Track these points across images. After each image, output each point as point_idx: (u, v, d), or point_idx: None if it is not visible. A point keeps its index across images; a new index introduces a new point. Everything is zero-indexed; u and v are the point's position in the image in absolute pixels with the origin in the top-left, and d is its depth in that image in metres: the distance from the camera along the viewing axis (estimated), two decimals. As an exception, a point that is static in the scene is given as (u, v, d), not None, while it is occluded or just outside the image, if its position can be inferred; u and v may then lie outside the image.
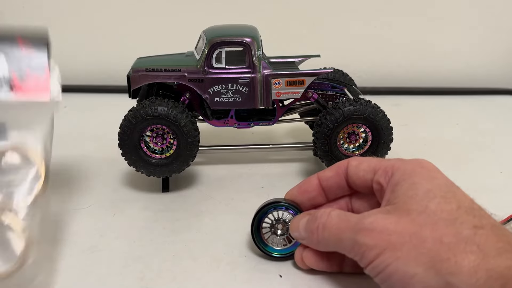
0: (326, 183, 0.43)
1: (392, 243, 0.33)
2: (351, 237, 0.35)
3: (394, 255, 0.33)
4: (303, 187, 0.44)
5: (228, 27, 0.58)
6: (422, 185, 0.35)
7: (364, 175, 0.40)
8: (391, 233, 0.33)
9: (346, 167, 0.42)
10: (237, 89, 0.55)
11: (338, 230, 0.37)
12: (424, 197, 0.34)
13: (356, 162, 0.41)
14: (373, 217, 0.35)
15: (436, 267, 0.31)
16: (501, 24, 0.94)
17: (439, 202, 0.34)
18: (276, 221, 0.44)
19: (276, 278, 0.42)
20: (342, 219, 0.37)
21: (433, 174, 0.37)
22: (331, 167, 0.43)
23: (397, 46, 0.95)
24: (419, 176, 0.36)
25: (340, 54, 0.90)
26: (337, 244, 0.37)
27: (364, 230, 0.34)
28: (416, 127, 0.77)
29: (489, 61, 0.97)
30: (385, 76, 0.96)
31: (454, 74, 0.96)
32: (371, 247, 0.34)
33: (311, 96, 0.58)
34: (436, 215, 0.33)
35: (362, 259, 0.35)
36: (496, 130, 0.76)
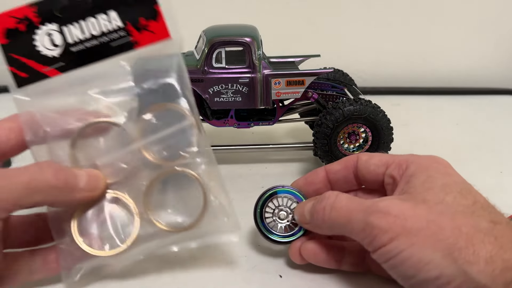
0: (334, 176, 0.43)
1: (407, 228, 0.32)
2: (362, 218, 0.34)
3: (409, 240, 0.32)
4: (309, 178, 0.44)
5: (228, 27, 0.58)
6: (439, 179, 0.35)
7: (375, 169, 0.40)
8: (407, 218, 0.32)
9: (356, 161, 0.42)
10: (237, 89, 0.55)
11: (348, 211, 0.36)
12: (441, 191, 0.34)
13: (366, 157, 0.41)
14: (388, 201, 0.34)
15: (453, 255, 0.31)
16: (501, 24, 0.94)
17: (456, 196, 0.34)
18: (279, 207, 0.44)
19: (276, 278, 0.41)
20: (352, 201, 0.37)
21: (448, 171, 0.37)
22: (340, 161, 0.43)
23: (397, 46, 0.95)
24: (435, 171, 0.36)
25: (341, 54, 0.90)
26: (345, 225, 0.36)
27: (378, 212, 0.33)
28: (416, 127, 0.77)
29: (489, 61, 0.97)
30: (385, 76, 0.96)
31: (454, 74, 0.96)
32: (385, 230, 0.32)
33: (311, 96, 0.58)
34: (453, 207, 0.33)
35: (373, 242, 0.33)
36: (496, 130, 0.76)
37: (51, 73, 0.39)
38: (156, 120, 0.39)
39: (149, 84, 0.39)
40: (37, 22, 0.38)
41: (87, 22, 0.38)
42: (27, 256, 0.38)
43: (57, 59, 0.39)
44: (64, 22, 0.38)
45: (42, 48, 0.38)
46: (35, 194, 0.33)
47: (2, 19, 0.38)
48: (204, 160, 0.39)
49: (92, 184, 0.37)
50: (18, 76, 0.38)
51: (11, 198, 0.32)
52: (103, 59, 0.39)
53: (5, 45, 0.38)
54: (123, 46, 0.39)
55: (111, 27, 0.39)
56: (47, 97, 0.38)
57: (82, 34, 0.38)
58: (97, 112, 0.38)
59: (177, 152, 0.39)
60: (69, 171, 0.36)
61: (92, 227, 0.38)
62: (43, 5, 0.38)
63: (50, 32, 0.38)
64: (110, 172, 0.38)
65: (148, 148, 0.39)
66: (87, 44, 0.39)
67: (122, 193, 0.39)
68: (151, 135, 0.38)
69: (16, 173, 0.33)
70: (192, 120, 0.39)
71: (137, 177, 0.39)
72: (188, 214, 0.39)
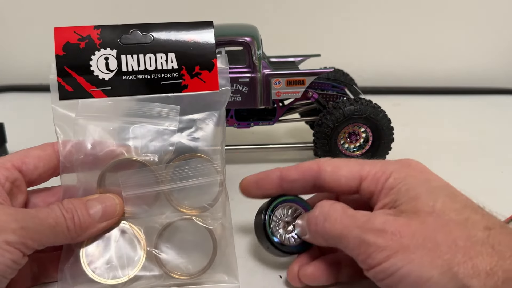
0: (289, 185, 0.40)
1: (404, 246, 0.31)
2: (357, 235, 0.33)
3: (407, 257, 0.31)
4: (260, 182, 0.42)
5: (228, 26, 0.58)
6: (421, 187, 0.34)
7: (347, 183, 0.38)
8: (404, 236, 0.32)
9: (318, 172, 0.39)
10: (237, 88, 0.55)
11: (342, 224, 0.35)
12: (429, 197, 0.33)
13: (331, 168, 0.39)
14: (383, 217, 0.34)
15: (452, 270, 0.30)
16: (502, 24, 0.94)
17: (445, 201, 0.33)
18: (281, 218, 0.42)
19: (276, 279, 0.41)
20: (347, 214, 0.35)
21: (427, 176, 0.36)
22: (296, 168, 0.40)
23: (397, 46, 0.95)
24: (415, 180, 0.35)
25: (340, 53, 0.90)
26: (340, 239, 0.35)
27: (374, 230, 0.33)
28: (416, 127, 0.77)
29: (489, 61, 0.97)
30: (385, 75, 0.96)
31: (455, 74, 0.96)
32: (381, 248, 0.32)
33: (311, 96, 0.57)
34: (446, 215, 0.32)
35: (368, 259, 0.33)
36: (496, 130, 0.76)
37: (97, 94, 0.40)
38: (186, 169, 0.40)
39: (190, 132, 0.41)
40: (98, 44, 0.40)
41: (146, 56, 0.40)
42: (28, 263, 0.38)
43: (106, 82, 0.40)
44: (124, 51, 0.40)
45: (96, 69, 0.40)
46: (58, 237, 0.35)
47: (66, 33, 0.39)
48: (221, 217, 0.41)
49: (108, 213, 0.38)
50: (63, 89, 0.40)
51: (38, 238, 0.34)
52: (150, 93, 0.41)
53: (60, 56, 0.39)
54: (173, 86, 0.41)
55: (166, 67, 0.40)
56: (90, 117, 0.40)
57: (137, 66, 0.40)
58: (130, 149, 0.39)
59: (198, 203, 0.41)
60: (83, 210, 0.36)
61: (98, 252, 0.39)
62: (108, 30, 0.40)
63: (107, 56, 0.40)
64: (130, 206, 0.39)
65: (172, 194, 0.40)
66: (139, 76, 0.40)
67: (137, 228, 0.39)
68: (178, 182, 0.40)
69: (44, 215, 0.34)
70: (220, 178, 0.40)
71: (156, 217, 0.40)
72: (193, 263, 0.40)
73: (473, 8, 0.93)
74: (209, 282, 0.40)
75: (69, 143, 0.39)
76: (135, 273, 0.39)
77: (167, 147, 0.40)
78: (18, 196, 0.37)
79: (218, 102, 0.42)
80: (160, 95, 0.41)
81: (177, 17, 0.93)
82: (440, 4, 0.92)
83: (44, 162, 0.38)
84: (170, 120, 0.40)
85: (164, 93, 0.41)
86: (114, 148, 0.39)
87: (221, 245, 0.40)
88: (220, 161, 0.41)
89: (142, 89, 0.40)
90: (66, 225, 0.35)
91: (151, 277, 0.39)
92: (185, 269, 0.40)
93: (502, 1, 0.92)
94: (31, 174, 0.38)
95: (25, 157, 0.38)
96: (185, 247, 0.40)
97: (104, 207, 0.38)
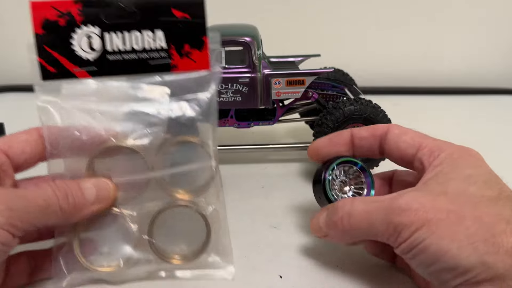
0: (359, 142, 0.42)
1: (428, 220, 0.32)
2: (384, 218, 0.34)
3: (429, 230, 0.32)
4: (334, 139, 0.43)
5: (228, 26, 0.58)
6: (464, 171, 0.35)
7: (406, 148, 0.39)
8: (428, 210, 0.32)
9: (385, 132, 0.40)
10: (237, 88, 0.55)
11: (367, 214, 0.35)
12: (464, 181, 0.34)
13: (398, 131, 0.40)
14: (407, 196, 0.34)
15: (473, 245, 0.30)
16: (502, 24, 0.94)
17: (480, 186, 0.33)
18: (340, 177, 0.42)
19: (276, 278, 0.41)
20: (369, 203, 0.36)
21: (479, 163, 0.36)
22: (367, 128, 0.42)
23: (397, 46, 0.95)
24: (464, 161, 0.36)
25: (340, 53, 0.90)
26: (368, 229, 0.36)
27: (399, 209, 0.33)
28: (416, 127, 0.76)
29: (489, 61, 0.97)
30: (385, 76, 0.95)
31: (454, 74, 0.96)
32: (408, 226, 0.33)
33: (311, 96, 0.57)
34: (477, 198, 0.33)
35: (398, 238, 0.33)
36: (496, 130, 0.76)
37: (81, 75, 0.38)
38: (177, 154, 0.39)
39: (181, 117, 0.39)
40: (79, 21, 0.37)
41: (131, 34, 0.38)
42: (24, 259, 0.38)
43: (90, 62, 0.38)
44: (107, 28, 0.38)
45: (78, 48, 0.38)
46: (49, 217, 0.34)
47: (43, 8, 0.36)
48: (214, 202, 0.40)
49: (101, 196, 0.37)
50: (45, 69, 0.38)
51: (28, 219, 0.33)
52: (138, 74, 0.39)
53: (39, 35, 0.37)
54: (161, 66, 0.39)
55: (154, 46, 0.38)
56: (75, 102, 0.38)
57: (122, 45, 0.38)
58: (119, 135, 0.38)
59: (191, 189, 0.40)
60: (77, 190, 0.36)
61: (92, 240, 0.39)
62: (89, 5, 0.37)
63: (90, 34, 0.38)
64: (121, 192, 0.39)
65: (164, 179, 0.39)
66: (125, 56, 0.38)
67: (130, 212, 0.39)
68: (170, 168, 0.39)
69: (34, 195, 0.34)
70: (212, 163, 0.40)
71: (148, 203, 0.39)
72: (187, 248, 0.40)
73: (473, 8, 0.93)
74: (204, 266, 0.40)
75: (54, 128, 0.38)
76: (129, 260, 0.39)
77: (157, 132, 0.38)
78: (6, 180, 0.37)
79: (209, 82, 0.40)
80: (148, 75, 0.39)
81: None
82: (440, 4, 0.92)
83: (31, 147, 0.38)
84: (160, 103, 0.39)
85: (153, 73, 0.39)
86: (102, 133, 0.38)
87: (215, 229, 0.40)
88: (212, 144, 0.40)
89: (129, 70, 0.38)
90: (59, 205, 0.34)
91: (145, 263, 0.39)
92: (179, 254, 0.40)
93: (502, 2, 0.92)
94: (18, 158, 0.37)
95: (11, 141, 0.37)
96: (178, 233, 0.40)
97: (98, 189, 0.37)
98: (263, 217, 0.51)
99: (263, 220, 0.50)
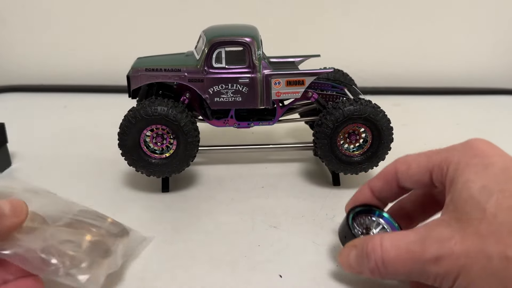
0: (379, 194, 0.42)
1: (462, 266, 0.32)
2: (420, 268, 0.33)
3: (467, 278, 0.31)
4: (359, 198, 0.43)
5: (228, 27, 0.58)
6: (476, 182, 0.33)
7: (420, 179, 0.38)
8: (459, 256, 0.32)
9: (395, 173, 0.40)
10: (237, 89, 0.55)
11: (403, 264, 0.34)
12: (481, 198, 0.32)
13: (405, 167, 0.39)
14: (435, 239, 0.33)
15: (504, 285, 0.30)
16: (501, 24, 0.94)
17: (497, 199, 0.32)
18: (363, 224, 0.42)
19: (276, 278, 0.41)
20: (400, 251, 0.35)
21: (487, 161, 0.35)
22: (379, 175, 0.41)
23: (397, 46, 0.95)
24: (473, 169, 0.34)
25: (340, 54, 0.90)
26: (407, 276, 0.35)
27: (432, 260, 0.33)
28: (416, 127, 0.77)
29: (489, 61, 0.97)
30: (385, 76, 0.96)
31: (454, 74, 0.96)
32: (445, 276, 0.32)
33: (311, 96, 0.58)
34: (497, 218, 0.31)
35: (442, 285, 0.33)
36: (496, 130, 0.76)
37: None
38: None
39: None
40: None
41: None
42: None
43: None
44: None
45: None
46: None
47: None
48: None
49: (16, 210, 0.38)
50: None
51: None
52: None
53: None
54: None
55: None
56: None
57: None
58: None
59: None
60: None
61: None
62: None
63: None
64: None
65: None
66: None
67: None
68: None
69: None
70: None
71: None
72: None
73: (473, 8, 0.93)
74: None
75: None
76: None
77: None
78: None
79: None
80: None
81: (177, 16, 0.93)
82: (440, 4, 0.92)
83: None
84: None
85: None
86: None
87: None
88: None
89: None
90: None
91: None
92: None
93: (502, 2, 0.92)
94: None
95: None
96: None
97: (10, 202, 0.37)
98: (263, 217, 0.51)
99: (263, 220, 0.50)
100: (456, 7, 0.93)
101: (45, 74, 0.98)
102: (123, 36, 0.96)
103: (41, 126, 0.78)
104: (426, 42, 0.95)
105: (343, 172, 0.56)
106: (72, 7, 0.95)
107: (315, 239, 0.47)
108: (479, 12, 0.93)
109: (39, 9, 0.95)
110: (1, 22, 0.97)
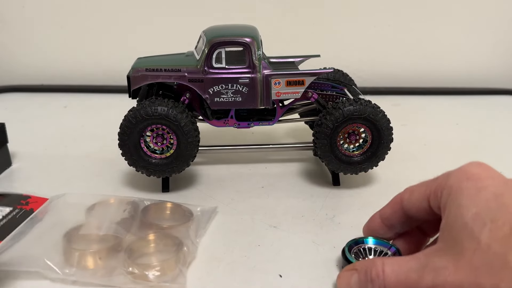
0: (388, 222, 0.42)
1: None
2: None
3: None
4: (371, 227, 0.43)
5: (228, 27, 0.58)
6: (469, 209, 0.33)
7: (420, 206, 0.38)
8: (453, 287, 0.32)
9: (401, 201, 0.40)
10: (237, 89, 0.55)
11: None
12: (474, 226, 0.32)
13: (408, 195, 0.39)
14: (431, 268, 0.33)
15: None
16: (501, 24, 0.94)
17: (490, 229, 0.32)
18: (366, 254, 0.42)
19: (276, 278, 0.42)
20: (400, 277, 0.35)
21: (479, 184, 0.34)
22: (388, 203, 0.42)
23: (397, 46, 0.95)
24: (465, 194, 0.34)
25: (340, 54, 0.90)
26: None
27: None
28: (416, 127, 0.77)
29: (489, 61, 0.97)
30: (385, 76, 0.96)
31: (454, 74, 0.96)
32: None
33: (311, 96, 0.58)
34: (490, 250, 0.31)
35: None
36: (496, 130, 0.76)
37: None
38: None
39: None
40: None
41: None
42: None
43: None
44: None
45: None
46: None
47: None
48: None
49: None
50: None
51: None
52: None
53: None
54: None
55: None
56: None
57: None
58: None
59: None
60: None
61: None
62: None
63: None
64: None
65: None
66: None
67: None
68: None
69: None
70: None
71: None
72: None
73: (473, 9, 0.93)
74: None
75: None
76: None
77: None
78: None
79: None
80: None
81: (178, 17, 0.93)
82: (440, 4, 0.93)
83: None
84: None
85: None
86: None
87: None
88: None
89: None
90: None
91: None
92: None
93: (502, 2, 0.93)
94: None
95: None
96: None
97: None
98: (263, 217, 0.51)
99: (263, 220, 0.50)
100: (456, 7, 0.93)
101: (45, 74, 0.98)
102: (123, 36, 0.96)
103: (41, 126, 0.78)
104: (426, 42, 0.95)
105: (343, 172, 0.56)
106: (72, 7, 0.95)
107: (315, 239, 0.47)
108: (479, 12, 0.93)
109: (39, 9, 0.95)
110: (1, 22, 0.97)
